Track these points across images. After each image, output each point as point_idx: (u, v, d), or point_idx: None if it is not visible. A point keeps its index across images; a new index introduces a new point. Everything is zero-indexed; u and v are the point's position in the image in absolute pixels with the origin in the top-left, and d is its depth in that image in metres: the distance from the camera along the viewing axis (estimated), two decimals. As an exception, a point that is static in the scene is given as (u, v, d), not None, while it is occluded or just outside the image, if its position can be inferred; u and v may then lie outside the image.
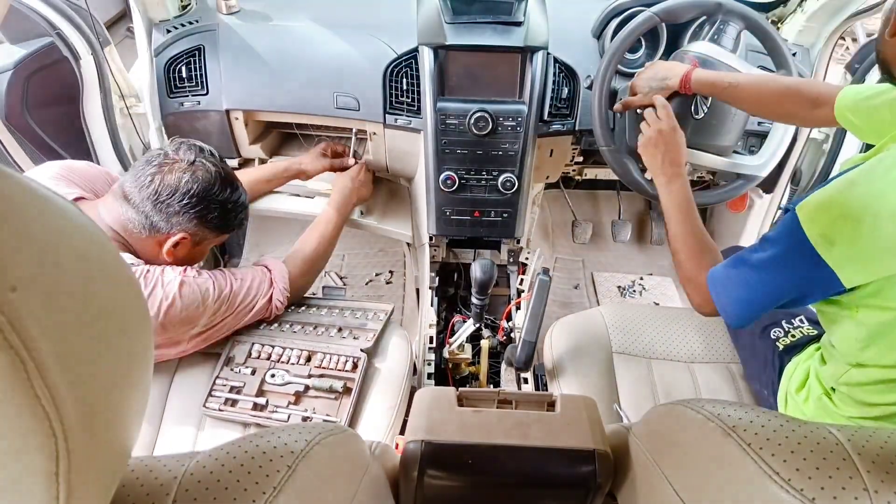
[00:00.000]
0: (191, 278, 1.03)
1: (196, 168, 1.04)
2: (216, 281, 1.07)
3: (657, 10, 1.21)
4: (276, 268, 1.21)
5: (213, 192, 1.05)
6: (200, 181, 1.04)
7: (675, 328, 1.27)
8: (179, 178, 1.02)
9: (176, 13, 1.46)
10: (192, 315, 1.03)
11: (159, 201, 1.01)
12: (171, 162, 1.03)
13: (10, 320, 0.25)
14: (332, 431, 0.54)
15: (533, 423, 0.67)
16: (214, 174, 1.06)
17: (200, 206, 1.04)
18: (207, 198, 1.05)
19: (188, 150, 1.06)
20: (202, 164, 1.05)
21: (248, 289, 1.13)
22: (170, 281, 1.01)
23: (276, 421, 1.07)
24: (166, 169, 1.03)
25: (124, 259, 0.36)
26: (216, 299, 1.06)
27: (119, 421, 0.34)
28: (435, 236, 1.55)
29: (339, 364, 1.14)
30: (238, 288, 1.11)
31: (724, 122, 1.23)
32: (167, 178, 1.02)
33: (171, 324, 1.01)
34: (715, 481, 0.48)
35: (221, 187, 1.07)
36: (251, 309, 1.14)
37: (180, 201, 1.02)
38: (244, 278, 1.13)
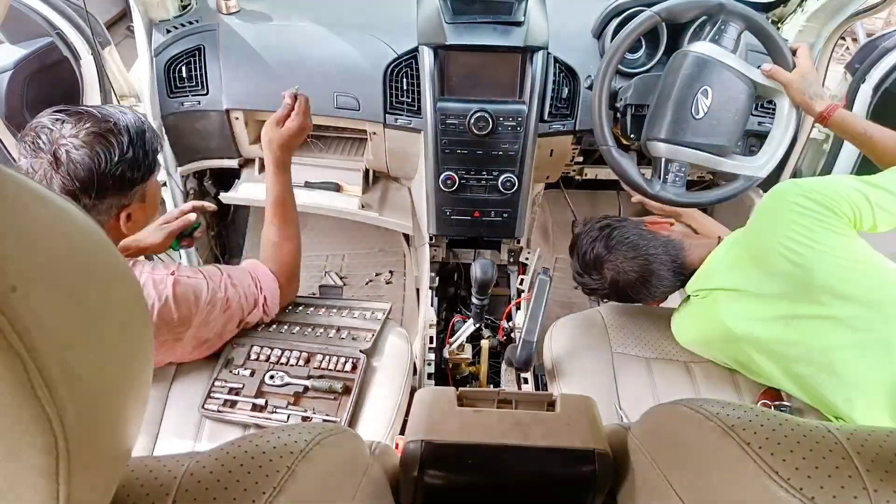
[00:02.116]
0: (184, 278, 0.99)
1: (61, 160, 0.86)
2: (210, 283, 1.03)
3: (658, 10, 1.21)
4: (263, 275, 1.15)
5: (100, 162, 0.88)
6: (78, 167, 0.86)
7: (675, 328, 1.27)
8: (62, 181, 0.86)
9: (176, 13, 1.46)
10: (184, 316, 1.00)
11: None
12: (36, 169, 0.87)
13: (10, 320, 0.25)
14: (332, 431, 0.54)
15: (533, 423, 0.67)
16: (82, 151, 0.87)
17: (106, 182, 0.89)
18: (102, 171, 0.88)
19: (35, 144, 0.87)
20: (63, 148, 0.86)
21: (242, 296, 1.09)
22: (162, 280, 0.97)
23: (275, 422, 1.07)
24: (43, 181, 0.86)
25: (124, 259, 0.36)
26: (208, 301, 1.02)
27: (119, 421, 0.34)
28: (435, 236, 1.55)
29: (339, 365, 1.14)
30: (232, 295, 1.07)
31: (724, 123, 1.23)
32: (52, 186, 0.85)
33: (164, 324, 0.98)
34: (714, 480, 0.48)
35: (103, 151, 0.88)
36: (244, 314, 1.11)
37: (87, 198, 0.89)
38: (238, 285, 1.08)
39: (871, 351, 0.98)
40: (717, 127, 1.23)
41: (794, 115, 1.24)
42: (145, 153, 0.94)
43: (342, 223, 2.08)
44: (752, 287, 1.05)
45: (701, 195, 1.32)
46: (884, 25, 3.60)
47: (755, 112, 1.43)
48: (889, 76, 1.45)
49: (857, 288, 0.99)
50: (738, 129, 1.26)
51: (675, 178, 1.27)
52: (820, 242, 1.00)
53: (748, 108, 1.25)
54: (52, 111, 0.89)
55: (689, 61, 1.21)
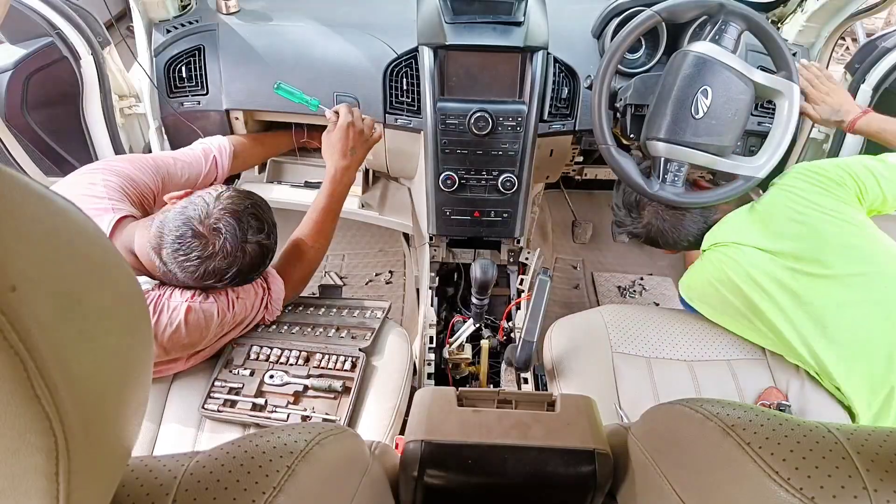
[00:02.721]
0: (197, 304, 1.01)
1: (239, 252, 0.97)
2: (220, 306, 1.04)
3: (659, 10, 1.21)
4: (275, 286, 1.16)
5: (248, 275, 1.02)
6: (242, 262, 0.98)
7: (675, 328, 1.27)
8: (223, 267, 0.97)
9: (176, 13, 1.46)
10: (194, 340, 1.03)
11: (202, 283, 0.99)
12: (214, 245, 0.95)
13: (10, 320, 0.25)
14: (331, 431, 0.54)
15: (533, 423, 0.67)
16: (257, 253, 1.00)
17: (238, 282, 1.03)
18: (243, 279, 1.02)
19: (235, 224, 0.96)
20: (247, 246, 0.98)
21: (250, 308, 1.12)
22: (175, 307, 0.99)
23: (275, 421, 1.07)
24: (209, 255, 0.95)
25: (124, 259, 0.36)
26: (219, 323, 1.05)
27: (119, 421, 0.34)
28: (435, 236, 1.55)
29: (338, 364, 1.14)
30: (240, 310, 1.09)
31: (724, 123, 1.23)
32: (209, 266, 0.96)
33: (173, 348, 1.02)
34: (714, 480, 0.48)
35: (261, 263, 1.02)
36: (247, 326, 1.16)
37: (221, 283, 1.00)
38: (245, 298, 1.10)
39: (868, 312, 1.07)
40: (716, 127, 1.23)
41: (793, 115, 1.24)
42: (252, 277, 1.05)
43: (342, 223, 2.07)
44: (760, 243, 1.18)
45: (701, 195, 1.32)
46: (884, 25, 3.60)
47: (755, 112, 1.43)
48: (889, 76, 1.45)
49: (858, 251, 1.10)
50: (737, 130, 1.26)
51: (675, 177, 1.27)
52: (824, 206, 1.14)
53: (748, 109, 1.25)
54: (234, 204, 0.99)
55: (689, 61, 1.21)
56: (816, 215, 1.14)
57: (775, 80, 1.23)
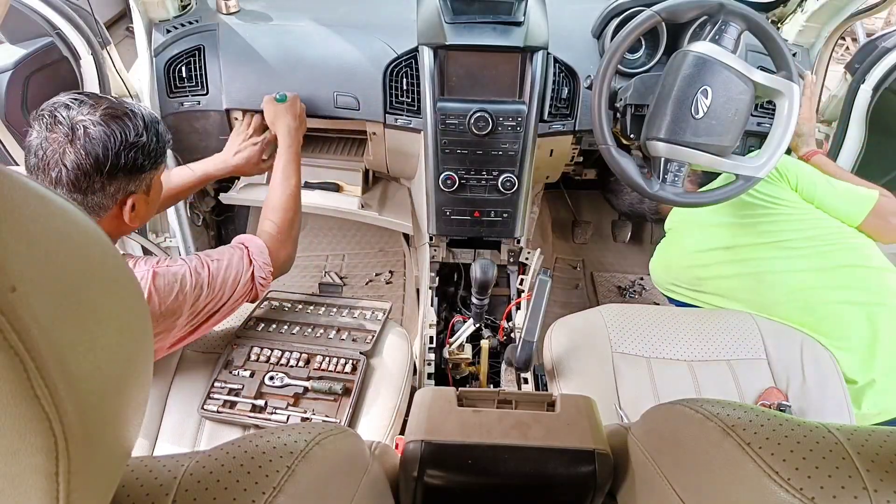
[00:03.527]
0: (163, 268, 0.97)
1: (77, 134, 0.88)
2: (191, 266, 1.00)
3: (659, 10, 1.21)
4: (253, 243, 1.13)
5: (116, 141, 0.90)
6: (94, 143, 0.89)
7: (675, 328, 1.27)
8: (76, 155, 0.88)
9: (176, 13, 1.46)
10: (172, 307, 0.98)
11: (80, 190, 0.90)
12: (51, 144, 0.88)
13: (9, 320, 0.25)
14: (331, 431, 0.54)
15: (533, 423, 0.67)
16: (99, 129, 0.90)
17: (119, 162, 0.91)
18: (117, 150, 0.90)
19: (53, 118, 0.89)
20: (81, 124, 0.89)
21: (227, 267, 1.06)
22: (142, 276, 0.95)
23: (274, 423, 1.07)
24: (52, 153, 0.88)
25: (124, 259, 0.36)
26: (194, 285, 1.00)
27: (119, 421, 0.34)
28: (435, 236, 1.55)
29: (339, 366, 1.14)
30: (216, 269, 1.04)
31: (724, 123, 1.23)
32: (66, 162, 0.88)
33: (154, 318, 0.97)
34: (714, 481, 0.48)
35: (119, 131, 0.91)
36: (234, 289, 1.07)
37: (98, 176, 0.90)
38: (220, 258, 1.06)
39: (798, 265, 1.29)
40: (716, 127, 1.23)
41: (793, 115, 1.24)
42: (158, 140, 0.97)
43: (342, 223, 2.09)
44: (707, 218, 1.41)
45: (701, 195, 1.32)
46: (884, 25, 3.60)
47: (755, 112, 1.44)
48: (889, 76, 1.45)
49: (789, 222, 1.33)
50: (737, 130, 1.26)
51: (675, 177, 1.27)
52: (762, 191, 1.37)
53: (748, 109, 1.25)
54: (70, 94, 0.91)
55: (689, 61, 1.21)
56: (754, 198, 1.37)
57: (775, 80, 1.23)
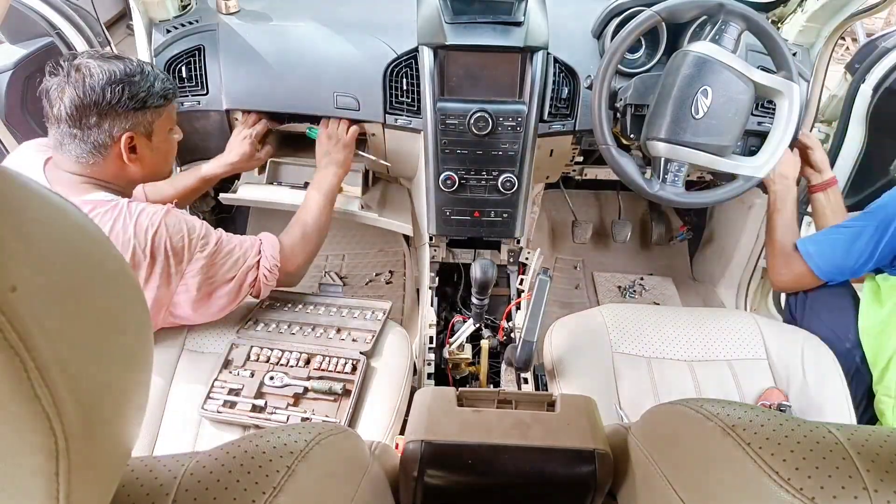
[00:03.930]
0: (177, 210, 1.05)
1: (76, 72, 0.97)
2: (205, 223, 1.08)
3: (659, 10, 1.21)
4: (267, 238, 1.20)
5: (113, 78, 0.99)
6: (91, 80, 0.98)
7: (675, 328, 1.27)
8: (73, 92, 0.97)
9: (176, 13, 1.46)
10: (178, 247, 1.03)
11: (78, 125, 0.98)
12: (54, 84, 0.98)
13: (10, 320, 0.25)
14: (331, 431, 0.54)
15: (533, 423, 0.67)
16: (98, 66, 0.99)
17: (111, 99, 0.99)
18: (109, 87, 0.99)
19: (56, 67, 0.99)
20: (82, 65, 0.98)
21: (237, 246, 1.13)
22: (155, 211, 1.02)
23: (274, 423, 1.07)
24: (55, 92, 0.98)
25: (124, 259, 0.36)
26: (201, 236, 1.06)
27: (119, 421, 0.34)
28: (435, 236, 1.55)
29: (339, 366, 1.14)
30: (226, 239, 1.11)
31: (724, 123, 1.23)
32: (64, 98, 0.97)
33: (157, 252, 1.01)
34: (714, 481, 0.48)
35: (118, 69, 1.00)
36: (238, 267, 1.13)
37: (95, 109, 0.98)
38: (232, 238, 1.14)
39: None
40: (716, 127, 1.23)
41: (794, 115, 1.24)
42: (154, 83, 1.05)
43: (342, 223, 2.08)
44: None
45: (701, 195, 1.32)
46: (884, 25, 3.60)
47: (755, 112, 1.43)
48: (889, 76, 1.45)
49: None
50: (737, 130, 1.26)
51: (675, 177, 1.27)
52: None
53: (748, 109, 1.25)
54: None
55: (689, 61, 1.21)
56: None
57: (775, 80, 1.23)
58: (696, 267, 2.19)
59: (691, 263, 2.22)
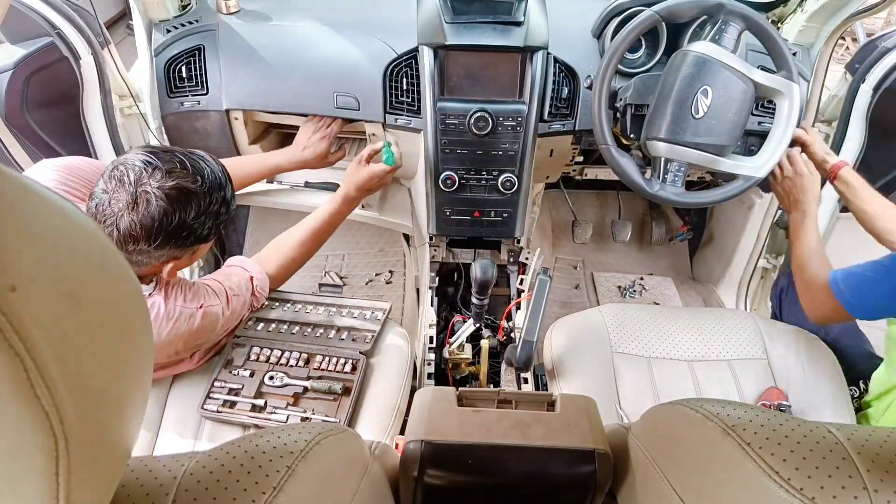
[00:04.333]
0: (211, 308, 1.05)
1: (138, 205, 0.87)
2: (222, 304, 1.08)
3: (658, 10, 1.21)
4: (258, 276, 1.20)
5: (172, 222, 0.89)
6: (150, 217, 0.88)
7: (675, 328, 1.27)
8: (130, 224, 0.87)
9: (176, 13, 1.46)
10: (203, 340, 1.08)
11: (126, 250, 0.89)
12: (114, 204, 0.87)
13: (9, 320, 0.25)
14: (332, 431, 0.54)
15: (533, 423, 0.67)
16: (160, 204, 0.88)
17: (170, 240, 0.91)
18: (172, 230, 0.90)
19: (120, 180, 0.88)
20: (144, 196, 0.87)
21: (243, 303, 1.16)
22: (192, 314, 1.01)
23: (274, 422, 1.07)
24: (109, 212, 0.87)
25: (124, 259, 0.36)
26: (223, 325, 1.10)
27: (119, 421, 0.34)
28: (435, 236, 1.55)
29: (339, 366, 1.14)
30: (235, 304, 1.13)
31: (724, 122, 1.23)
32: (121, 224, 0.87)
33: (185, 349, 1.07)
34: (714, 481, 0.48)
35: (180, 211, 0.89)
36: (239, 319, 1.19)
37: (146, 244, 0.89)
38: (239, 294, 1.14)
39: None
40: (716, 127, 1.23)
41: (793, 114, 1.24)
42: (217, 217, 0.96)
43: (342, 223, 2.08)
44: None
45: (701, 195, 1.32)
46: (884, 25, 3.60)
47: (755, 112, 1.43)
48: (889, 76, 1.44)
49: None
50: (737, 129, 1.26)
51: (675, 177, 1.27)
52: None
53: (748, 109, 1.25)
54: (145, 152, 0.91)
55: (689, 61, 1.21)
56: None
57: (775, 80, 1.23)
58: (696, 267, 2.19)
59: (691, 263, 2.22)
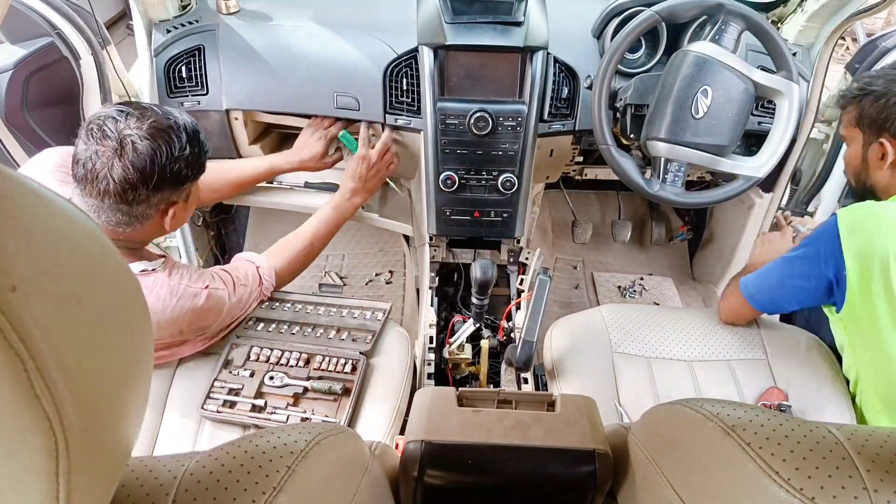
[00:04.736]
0: (216, 291, 1.08)
1: (126, 149, 0.90)
2: (228, 292, 1.11)
3: (659, 9, 1.21)
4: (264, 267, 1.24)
5: (161, 157, 0.93)
6: (141, 158, 0.91)
7: (675, 328, 1.27)
8: (123, 170, 0.90)
9: (176, 13, 1.46)
10: (209, 323, 1.10)
11: (126, 201, 0.93)
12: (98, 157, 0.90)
13: (10, 320, 0.25)
14: (332, 431, 0.54)
15: (533, 423, 0.67)
16: (146, 143, 0.91)
17: (164, 175, 0.94)
18: (162, 164, 0.93)
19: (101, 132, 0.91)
20: (128, 138, 0.91)
21: (250, 293, 1.18)
22: (196, 293, 1.04)
23: (274, 422, 1.07)
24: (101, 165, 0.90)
25: (124, 259, 0.36)
26: (228, 310, 1.12)
27: (119, 421, 0.34)
28: (435, 236, 1.55)
29: (339, 366, 1.14)
30: (242, 293, 1.15)
31: (724, 122, 1.23)
32: (113, 174, 0.90)
33: (190, 330, 1.08)
34: (714, 481, 0.48)
35: (165, 146, 0.93)
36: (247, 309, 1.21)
37: (144, 188, 0.93)
38: (245, 284, 1.17)
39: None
40: (716, 127, 1.23)
41: (793, 115, 1.24)
42: (200, 152, 1.01)
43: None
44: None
45: (700, 195, 1.32)
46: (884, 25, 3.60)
47: (755, 112, 1.44)
48: (889, 76, 1.44)
49: None
50: (737, 130, 1.26)
51: (675, 177, 1.27)
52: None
53: (748, 109, 1.25)
54: (116, 105, 0.95)
55: (689, 61, 1.21)
56: None
57: (775, 80, 1.23)
58: (696, 267, 2.19)
59: (691, 263, 2.22)
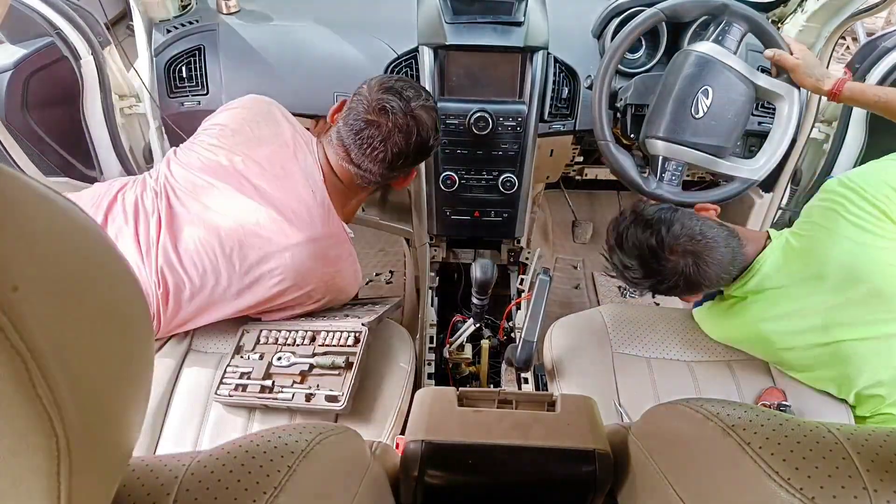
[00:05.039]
0: (358, 274, 1.26)
1: (411, 121, 1.08)
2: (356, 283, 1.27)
3: (663, 8, 1.21)
4: None
5: (429, 129, 1.12)
6: (419, 130, 1.10)
7: (675, 328, 1.27)
8: (405, 142, 1.08)
9: (176, 13, 1.46)
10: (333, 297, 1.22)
11: (393, 167, 1.12)
12: (388, 122, 1.07)
13: (11, 320, 0.25)
14: (332, 431, 0.54)
15: (533, 423, 0.67)
16: (427, 117, 1.11)
17: (426, 146, 1.14)
18: (426, 146, 1.13)
19: (396, 98, 1.08)
20: (416, 111, 1.09)
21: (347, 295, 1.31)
22: (355, 265, 1.22)
23: (281, 401, 1.07)
24: (388, 134, 1.07)
25: (125, 259, 0.36)
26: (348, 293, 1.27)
27: (120, 421, 0.34)
28: (435, 236, 1.55)
29: (342, 340, 1.14)
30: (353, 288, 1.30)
31: (724, 123, 1.23)
32: (392, 144, 1.08)
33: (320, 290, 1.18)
34: (714, 480, 0.48)
35: (430, 120, 1.12)
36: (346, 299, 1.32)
37: (408, 160, 1.12)
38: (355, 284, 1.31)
39: None
40: (716, 127, 1.23)
41: (793, 118, 1.24)
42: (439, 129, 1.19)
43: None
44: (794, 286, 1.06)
45: (699, 195, 1.32)
46: (884, 25, 3.60)
47: (755, 112, 1.44)
48: (889, 76, 1.45)
49: None
50: (736, 131, 1.26)
51: (672, 176, 1.27)
52: None
53: (748, 111, 1.25)
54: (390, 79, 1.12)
55: (691, 60, 1.21)
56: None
57: (776, 84, 1.23)
58: (696, 267, 2.19)
59: (691, 263, 2.22)
